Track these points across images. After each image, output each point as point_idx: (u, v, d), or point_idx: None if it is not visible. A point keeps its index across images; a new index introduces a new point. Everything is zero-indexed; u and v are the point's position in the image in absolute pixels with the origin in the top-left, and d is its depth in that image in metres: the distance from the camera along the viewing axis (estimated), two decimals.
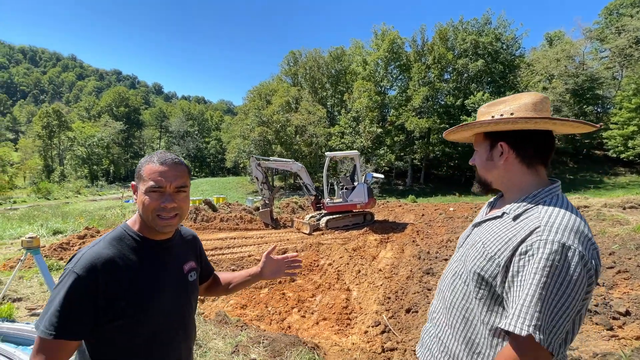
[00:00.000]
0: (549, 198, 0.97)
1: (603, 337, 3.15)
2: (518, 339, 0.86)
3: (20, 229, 10.34)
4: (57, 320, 0.90)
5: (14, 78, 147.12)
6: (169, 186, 1.02)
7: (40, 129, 52.32)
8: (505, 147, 1.03)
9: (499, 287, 0.94)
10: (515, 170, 1.04)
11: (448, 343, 1.09)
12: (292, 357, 2.88)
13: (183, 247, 1.22)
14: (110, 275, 0.96)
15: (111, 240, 1.03)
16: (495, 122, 0.99)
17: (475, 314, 1.01)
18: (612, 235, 5.82)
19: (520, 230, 0.92)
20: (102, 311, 0.95)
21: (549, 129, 1.01)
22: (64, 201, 28.68)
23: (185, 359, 1.18)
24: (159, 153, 1.06)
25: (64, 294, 0.92)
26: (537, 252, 0.85)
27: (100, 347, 1.00)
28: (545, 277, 0.83)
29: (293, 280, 6.14)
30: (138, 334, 1.02)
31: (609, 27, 31.20)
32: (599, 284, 4.24)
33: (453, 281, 1.11)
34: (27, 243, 4.12)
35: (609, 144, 27.96)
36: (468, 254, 1.07)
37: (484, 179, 1.12)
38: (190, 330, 1.19)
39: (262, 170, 11.07)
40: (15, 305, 4.21)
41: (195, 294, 1.24)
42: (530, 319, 0.82)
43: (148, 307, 1.02)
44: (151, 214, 1.02)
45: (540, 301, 0.82)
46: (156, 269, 1.07)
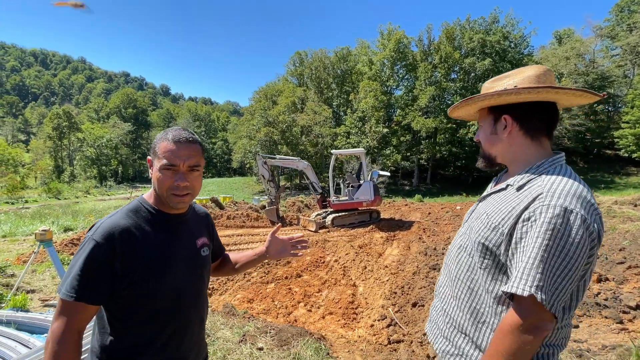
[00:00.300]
0: (552, 168, 0.98)
1: (612, 330, 3.12)
2: (521, 301, 0.87)
3: (32, 226, 10.58)
4: (77, 284, 0.94)
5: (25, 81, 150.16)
6: (182, 165, 1.04)
7: (51, 130, 53.32)
8: (509, 120, 1.04)
9: (503, 256, 0.95)
10: (519, 143, 1.05)
11: (453, 314, 1.10)
12: (299, 346, 2.91)
13: (196, 223, 1.25)
14: (126, 243, 1.00)
15: (128, 211, 1.07)
16: (499, 94, 1.00)
17: (480, 284, 1.02)
18: (622, 232, 5.74)
19: (524, 198, 0.93)
20: (118, 278, 0.98)
21: (552, 100, 1.02)
22: (74, 201, 29.16)
23: (198, 331, 1.21)
24: (174, 130, 1.07)
25: (83, 260, 0.96)
26: (540, 217, 0.86)
27: (117, 314, 1.03)
28: (547, 240, 0.84)
29: (299, 276, 6.17)
30: (152, 302, 1.05)
31: (620, 25, 30.68)
32: (608, 279, 4.19)
33: (458, 254, 1.13)
34: (40, 236, 4.23)
35: (620, 144, 27.43)
36: (473, 226, 1.08)
37: (488, 154, 1.13)
38: (202, 302, 1.22)
39: (269, 168, 11.14)
40: (28, 296, 4.31)
41: (207, 269, 1.27)
42: (532, 280, 0.83)
43: (162, 277, 1.05)
44: (166, 192, 1.05)
45: (542, 263, 0.83)
46: (170, 241, 1.11)
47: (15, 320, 3.34)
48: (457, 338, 1.08)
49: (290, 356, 2.76)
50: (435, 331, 1.19)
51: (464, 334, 1.06)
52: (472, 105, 1.11)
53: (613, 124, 30.33)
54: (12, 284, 4.64)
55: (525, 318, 0.85)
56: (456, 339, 1.08)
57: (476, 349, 1.02)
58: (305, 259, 7.04)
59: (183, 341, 1.14)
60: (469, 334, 1.04)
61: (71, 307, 0.95)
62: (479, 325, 1.02)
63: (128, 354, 1.04)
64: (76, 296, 0.94)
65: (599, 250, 0.93)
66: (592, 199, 0.91)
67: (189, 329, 1.16)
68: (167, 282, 1.07)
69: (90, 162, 53.05)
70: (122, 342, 1.04)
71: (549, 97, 1.00)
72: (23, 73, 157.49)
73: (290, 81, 45.66)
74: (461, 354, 1.06)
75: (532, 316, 0.85)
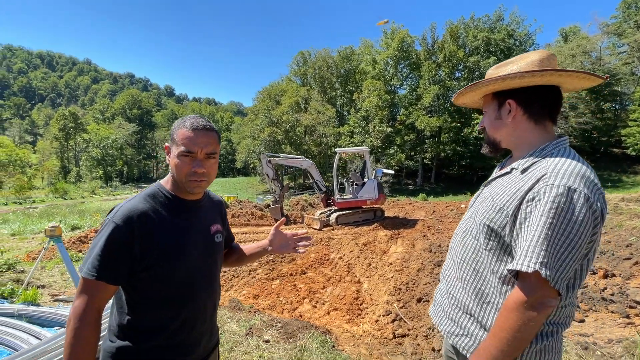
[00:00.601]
0: (556, 150, 1.00)
1: (619, 324, 3.11)
2: (525, 279, 0.89)
3: (40, 225, 10.74)
4: (98, 264, 0.98)
5: (32, 82, 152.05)
6: (200, 152, 1.07)
7: (57, 131, 53.97)
8: (513, 105, 1.06)
9: (508, 237, 0.97)
10: (523, 127, 1.07)
11: (459, 296, 1.12)
12: (305, 338, 2.94)
13: (211, 209, 1.29)
14: (144, 226, 1.03)
15: (146, 196, 1.10)
16: (503, 78, 1.02)
17: (485, 265, 1.04)
18: (629, 228, 5.69)
19: (528, 180, 0.95)
20: (137, 260, 1.02)
21: (556, 84, 1.03)
22: (80, 201, 29.50)
23: (210, 314, 1.24)
24: (191, 118, 1.10)
25: (104, 241, 0.99)
26: (544, 197, 0.88)
27: (135, 296, 1.07)
28: (551, 218, 0.85)
29: (304, 273, 6.20)
30: (167, 286, 1.08)
31: (627, 21, 30.32)
32: (615, 274, 4.17)
33: (463, 237, 1.15)
34: (50, 232, 4.31)
35: (627, 142, 27.12)
36: (478, 209, 1.10)
37: (493, 139, 1.15)
38: (216, 286, 1.25)
39: (273, 167, 11.19)
40: (39, 291, 4.38)
41: (221, 255, 1.30)
42: (537, 257, 0.85)
43: (177, 261, 1.09)
44: (184, 177, 1.09)
45: (546, 240, 0.85)
46: (186, 225, 1.14)
47: (26, 313, 3.41)
48: (462, 319, 1.10)
49: (297, 348, 2.79)
50: (440, 313, 1.22)
51: (469, 315, 1.08)
52: (477, 91, 1.13)
53: (620, 122, 29.98)
54: (23, 279, 4.73)
55: (529, 295, 0.87)
56: (461, 319, 1.10)
57: (481, 329, 1.04)
58: (309, 256, 7.07)
59: (196, 325, 1.16)
60: (474, 314, 1.06)
61: (92, 286, 0.99)
62: (484, 306, 1.04)
63: (143, 334, 1.07)
64: (97, 275, 0.98)
65: (602, 229, 0.94)
66: (596, 178, 0.92)
67: (202, 314, 1.18)
68: (181, 267, 1.10)
69: (95, 163, 53.63)
70: (139, 323, 1.07)
71: (553, 81, 1.01)
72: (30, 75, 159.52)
73: (293, 81, 45.79)
74: (466, 333, 1.08)
75: (536, 293, 0.87)
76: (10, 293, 4.16)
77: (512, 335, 0.89)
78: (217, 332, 1.34)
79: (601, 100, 29.60)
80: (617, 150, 31.71)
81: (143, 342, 1.07)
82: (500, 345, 0.92)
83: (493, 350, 0.93)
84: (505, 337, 0.90)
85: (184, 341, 1.14)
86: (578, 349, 2.38)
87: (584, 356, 2.28)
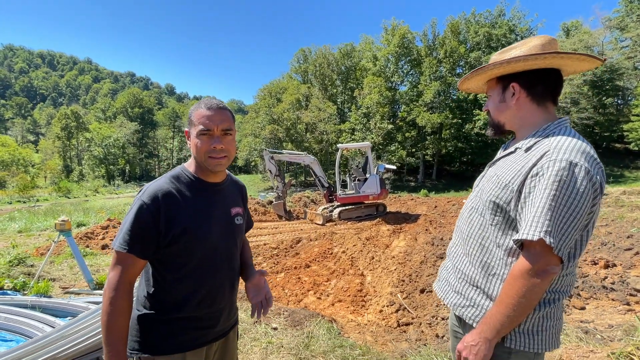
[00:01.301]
0: (557, 129, 1.06)
1: (619, 311, 3.17)
2: (530, 247, 0.95)
3: (46, 222, 10.85)
4: (128, 238, 1.08)
5: (33, 82, 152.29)
6: (216, 129, 1.14)
7: (60, 131, 54.17)
8: (516, 88, 1.12)
9: (513, 212, 1.04)
10: (526, 108, 1.13)
11: (465, 270, 1.19)
12: (312, 326, 3.01)
13: (232, 192, 1.36)
14: (169, 205, 1.12)
15: (171, 177, 1.19)
16: (508, 61, 1.08)
17: (491, 240, 1.11)
18: (630, 220, 5.74)
19: (532, 157, 1.02)
20: (162, 235, 1.10)
21: (557, 67, 1.09)
22: (84, 199, 29.69)
23: (229, 295, 1.30)
24: (205, 100, 1.18)
25: (132, 218, 1.09)
26: (547, 171, 0.94)
27: (160, 270, 1.16)
28: (554, 190, 0.92)
29: (308, 266, 6.28)
30: (190, 260, 1.16)
31: (630, 15, 30.07)
32: (616, 264, 4.22)
33: (470, 215, 1.21)
34: (60, 226, 4.40)
35: (630, 137, 27.00)
36: (484, 187, 1.17)
37: (497, 121, 1.21)
38: (234, 266, 1.32)
39: (275, 163, 11.25)
40: (50, 284, 4.48)
41: (241, 237, 1.36)
42: (542, 226, 0.91)
43: (198, 237, 1.16)
44: (204, 156, 1.16)
45: (550, 211, 0.92)
46: (207, 206, 1.22)
47: (39, 304, 3.50)
48: (469, 291, 1.16)
49: (304, 335, 2.87)
50: (445, 288, 1.28)
51: (476, 287, 1.14)
52: (482, 75, 1.18)
53: (622, 117, 29.85)
54: (33, 273, 4.82)
55: (534, 262, 0.94)
56: (468, 291, 1.17)
57: (487, 299, 1.11)
58: (313, 250, 7.15)
59: (215, 301, 1.24)
60: (481, 285, 1.13)
61: (123, 258, 1.09)
62: (489, 277, 1.10)
63: (167, 306, 1.16)
64: (128, 248, 1.07)
65: (601, 201, 1.01)
66: (595, 154, 0.99)
67: (222, 290, 1.26)
68: (202, 244, 1.18)
69: (98, 162, 53.83)
70: (163, 295, 1.16)
71: (555, 63, 1.07)
72: (31, 74, 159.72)
73: (294, 78, 45.74)
74: (473, 304, 1.14)
75: (540, 260, 0.93)
76: (22, 286, 4.25)
77: (517, 301, 0.96)
78: (236, 312, 1.40)
79: (603, 95, 29.47)
80: (620, 145, 31.60)
81: (166, 313, 1.15)
82: (506, 311, 0.98)
83: (499, 316, 1.00)
84: (512, 303, 0.97)
85: (204, 315, 1.21)
86: (579, 333, 2.44)
87: (584, 339, 2.34)
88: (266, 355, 2.61)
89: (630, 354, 1.89)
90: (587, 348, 2.18)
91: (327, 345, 2.71)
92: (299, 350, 2.65)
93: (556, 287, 1.04)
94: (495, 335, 1.02)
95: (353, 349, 2.67)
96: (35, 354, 2.29)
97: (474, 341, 1.05)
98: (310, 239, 8.17)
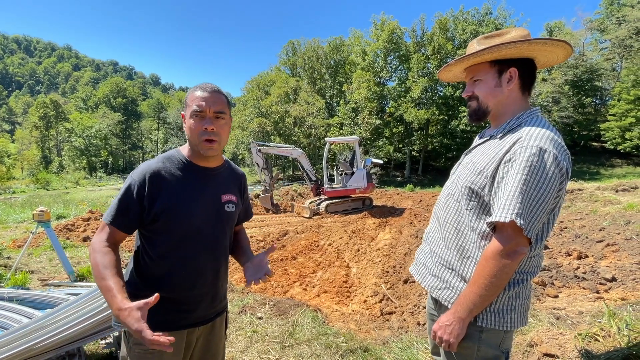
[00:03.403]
0: (530, 118, 1.11)
1: (589, 299, 3.34)
2: (502, 230, 1.01)
3: (23, 214, 10.47)
4: (114, 212, 1.16)
5: (8, 68, 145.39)
6: (209, 110, 1.16)
7: (37, 120, 51.96)
8: (514, 73, 1.13)
9: (487, 196, 1.09)
10: (514, 96, 1.16)
11: (441, 253, 1.24)
12: (297, 315, 3.05)
13: (228, 179, 1.35)
14: (155, 182, 1.16)
15: (163, 158, 1.24)
16: (505, 45, 1.07)
17: (466, 224, 1.16)
18: (602, 214, 6.02)
19: (505, 144, 1.07)
20: (145, 211, 1.16)
21: (531, 57, 1.14)
22: (64, 191, 28.76)
23: (212, 280, 1.28)
24: (202, 84, 1.20)
25: (122, 193, 1.16)
26: (519, 157, 1.00)
27: (144, 245, 1.22)
28: (525, 175, 0.97)
29: (294, 258, 6.32)
30: (171, 239, 1.19)
31: (610, 18, 31.05)
32: (588, 255, 4.43)
33: (447, 201, 1.26)
34: (38, 216, 4.27)
35: (606, 136, 28.08)
36: (460, 174, 1.21)
37: (485, 107, 1.19)
38: (218, 254, 1.30)
39: (263, 156, 11.19)
40: (28, 276, 4.35)
41: (231, 225, 1.36)
42: (513, 209, 0.97)
43: (181, 217, 1.18)
44: (197, 137, 1.18)
45: (521, 194, 0.97)
46: (195, 188, 1.23)
47: (17, 297, 3.40)
48: (445, 273, 1.22)
49: (289, 324, 2.91)
50: (423, 271, 1.33)
51: (451, 269, 1.20)
52: (476, 59, 1.15)
53: (600, 116, 30.98)
54: (10, 265, 4.67)
55: (505, 244, 1.00)
56: (444, 274, 1.22)
57: (462, 281, 1.16)
58: (300, 243, 7.19)
59: (196, 285, 1.24)
60: (456, 268, 1.18)
61: (106, 228, 1.17)
62: (464, 260, 1.16)
63: (146, 283, 1.21)
64: (111, 220, 1.15)
65: (567, 186, 1.07)
66: (562, 142, 1.05)
67: (202, 276, 1.26)
68: (184, 225, 1.19)
69: (79, 153, 52.03)
70: (144, 271, 1.21)
71: (537, 51, 1.10)
72: (6, 60, 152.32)
73: (283, 71, 45.25)
74: (449, 286, 1.20)
75: (511, 241, 0.99)
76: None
77: (489, 281, 1.02)
78: (223, 301, 1.39)
79: (583, 95, 30.44)
80: (597, 144, 32.83)
81: (144, 289, 1.17)
82: (479, 290, 1.04)
83: (472, 296, 1.05)
84: (484, 283, 1.03)
85: (182, 298, 1.22)
86: (551, 318, 2.57)
87: (555, 324, 2.47)
88: (251, 344, 2.63)
89: (595, 334, 2.02)
90: (557, 331, 2.30)
91: (312, 334, 2.75)
92: (284, 338, 2.69)
93: (524, 268, 1.11)
94: (468, 314, 1.08)
95: (337, 336, 2.73)
96: (11, 345, 2.24)
97: (449, 321, 1.11)
98: (297, 231, 8.21)
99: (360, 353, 2.45)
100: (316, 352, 2.48)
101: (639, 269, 3.75)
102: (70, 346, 2.40)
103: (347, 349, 2.49)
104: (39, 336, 2.32)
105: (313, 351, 2.50)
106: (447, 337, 1.11)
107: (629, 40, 28.05)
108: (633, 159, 28.98)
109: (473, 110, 1.22)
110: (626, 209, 5.93)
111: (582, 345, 2.04)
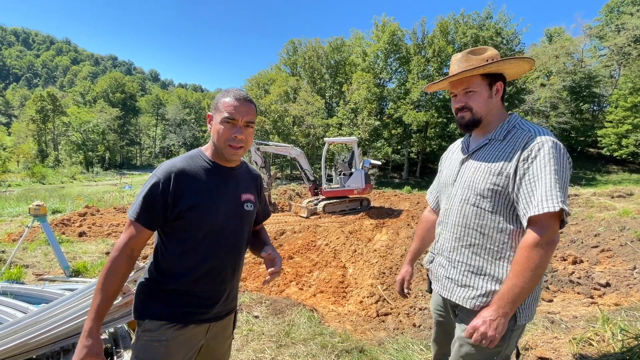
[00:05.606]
0: (518, 120, 1.25)
1: (584, 304, 3.37)
2: (537, 221, 1.06)
3: (18, 207, 10.38)
4: (139, 209, 1.17)
5: (6, 61, 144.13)
6: (241, 119, 1.20)
7: (34, 113, 51.57)
8: (501, 86, 1.27)
9: (511, 194, 1.15)
10: (499, 105, 1.30)
11: (470, 262, 1.24)
12: (293, 314, 3.06)
13: (246, 179, 1.39)
14: (179, 180, 1.19)
15: (186, 157, 1.27)
16: (496, 62, 1.22)
17: (491, 226, 1.19)
18: (598, 220, 6.07)
19: (515, 144, 1.16)
20: (169, 209, 1.18)
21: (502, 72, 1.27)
22: (60, 186, 28.58)
23: (230, 278, 1.32)
24: (234, 90, 1.24)
25: (146, 190, 1.17)
26: (540, 152, 1.09)
27: (166, 241, 1.24)
28: (554, 165, 1.06)
29: (291, 258, 6.32)
30: (194, 236, 1.22)
31: (609, 25, 31.31)
32: (583, 260, 4.47)
33: (461, 207, 1.27)
34: (34, 210, 4.25)
35: (603, 142, 28.31)
36: (474, 178, 1.23)
37: (480, 116, 1.28)
38: (237, 252, 1.33)
39: (261, 155, 11.17)
40: (22, 270, 4.32)
41: (250, 223, 1.38)
42: (557, 197, 1.03)
43: (204, 215, 1.21)
44: (223, 143, 1.21)
45: (557, 183, 1.05)
46: (217, 187, 1.26)
47: (11, 291, 3.38)
48: (477, 281, 1.22)
49: (285, 323, 2.91)
50: (449, 286, 1.31)
51: (483, 275, 1.20)
52: (473, 72, 1.24)
53: (597, 123, 31.22)
54: (5, 259, 4.64)
55: (543, 234, 1.04)
56: (476, 282, 1.22)
57: (496, 283, 1.17)
58: (297, 243, 7.19)
59: (215, 282, 1.27)
60: (489, 272, 1.19)
61: (132, 228, 1.18)
62: (496, 262, 1.18)
63: (167, 278, 1.22)
64: (136, 217, 1.17)
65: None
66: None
67: (222, 273, 1.28)
68: (207, 222, 1.22)
69: (76, 147, 51.70)
70: (165, 266, 1.23)
71: (518, 65, 1.25)
72: (4, 53, 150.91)
73: (283, 70, 45.20)
74: (484, 293, 1.19)
75: (549, 231, 1.05)
76: None
77: (534, 272, 1.04)
78: (234, 300, 1.41)
79: (580, 101, 30.65)
80: (593, 150, 33.07)
81: (165, 283, 1.21)
82: (522, 283, 1.05)
83: (517, 289, 1.06)
84: (529, 275, 1.04)
85: (201, 293, 1.25)
86: (545, 322, 2.59)
87: (550, 327, 2.49)
88: (247, 342, 2.63)
89: (590, 339, 2.04)
90: (552, 335, 2.31)
91: (308, 333, 2.76)
92: (280, 337, 2.69)
93: None
94: (512, 308, 1.08)
95: (333, 336, 2.73)
96: (5, 340, 2.23)
97: (493, 316, 1.08)
98: (294, 231, 8.21)
99: (356, 353, 2.46)
100: (312, 352, 2.49)
101: (633, 275, 3.79)
102: (65, 342, 2.39)
103: (342, 349, 2.50)
104: (34, 331, 2.31)
105: (309, 351, 2.50)
106: (492, 333, 1.07)
107: (628, 48, 28.28)
108: (629, 166, 29.22)
109: (467, 121, 1.30)
110: (621, 215, 5.99)
111: (577, 349, 2.05)
